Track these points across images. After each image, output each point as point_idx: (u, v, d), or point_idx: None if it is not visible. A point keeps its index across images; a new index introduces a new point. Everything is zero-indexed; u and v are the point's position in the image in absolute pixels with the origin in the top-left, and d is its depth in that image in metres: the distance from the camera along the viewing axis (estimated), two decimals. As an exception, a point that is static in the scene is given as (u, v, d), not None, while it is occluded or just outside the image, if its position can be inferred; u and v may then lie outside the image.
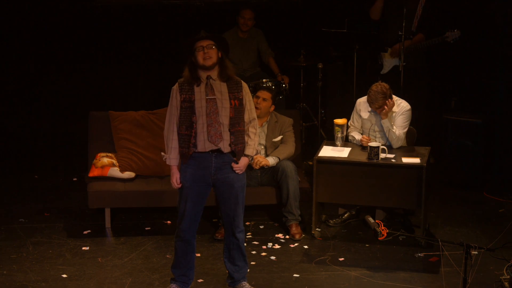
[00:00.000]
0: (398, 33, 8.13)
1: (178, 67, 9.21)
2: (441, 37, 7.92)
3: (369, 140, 6.91)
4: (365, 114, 7.02)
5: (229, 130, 5.68)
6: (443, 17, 8.23)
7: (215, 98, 5.66)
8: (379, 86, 6.79)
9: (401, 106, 6.94)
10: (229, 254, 5.95)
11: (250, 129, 5.82)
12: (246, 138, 5.80)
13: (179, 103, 5.70)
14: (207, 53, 5.64)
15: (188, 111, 5.68)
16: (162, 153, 5.84)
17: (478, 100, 8.61)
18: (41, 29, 9.59)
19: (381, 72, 8.20)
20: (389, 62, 8.21)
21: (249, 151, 5.80)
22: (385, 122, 6.84)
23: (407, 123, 6.95)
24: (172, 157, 5.76)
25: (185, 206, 5.75)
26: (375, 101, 6.78)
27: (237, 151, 5.73)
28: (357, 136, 7.04)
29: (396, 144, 6.91)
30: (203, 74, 5.70)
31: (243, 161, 5.78)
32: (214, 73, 5.70)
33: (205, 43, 5.66)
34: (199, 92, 5.68)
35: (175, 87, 5.76)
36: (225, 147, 5.69)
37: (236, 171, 5.74)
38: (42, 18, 9.57)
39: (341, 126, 7.00)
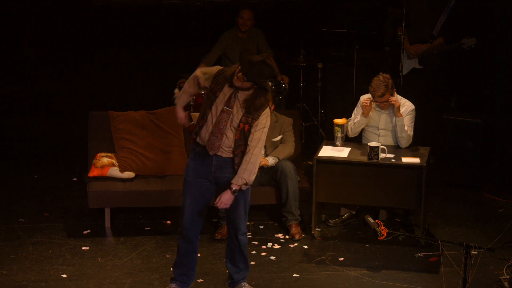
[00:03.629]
0: (398, 33, 8.17)
1: (177, 67, 9.31)
2: (457, 44, 7.97)
3: (370, 102, 6.87)
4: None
5: (233, 152, 5.60)
6: (465, 24, 8.25)
7: (231, 111, 5.56)
8: (380, 76, 6.83)
9: (406, 105, 6.95)
10: (230, 255, 5.93)
11: (247, 154, 5.56)
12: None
13: (208, 83, 5.60)
14: (241, 78, 5.47)
15: (207, 101, 5.62)
16: (176, 90, 5.79)
17: (478, 100, 8.61)
18: (41, 29, 9.60)
19: (400, 74, 8.21)
20: (407, 64, 8.25)
21: (234, 179, 5.56)
22: (400, 121, 6.83)
23: (413, 123, 6.95)
24: (180, 98, 5.75)
25: (186, 201, 5.73)
26: (378, 89, 6.78)
27: None
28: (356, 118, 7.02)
29: (405, 144, 6.90)
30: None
31: (225, 195, 5.57)
32: (243, 93, 5.53)
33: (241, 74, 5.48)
34: (223, 95, 5.56)
35: (213, 72, 5.61)
36: (224, 153, 5.63)
37: (217, 206, 5.61)
38: (42, 18, 9.58)
39: (341, 126, 7.00)
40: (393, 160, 6.71)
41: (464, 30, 8.12)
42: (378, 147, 6.67)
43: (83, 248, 6.73)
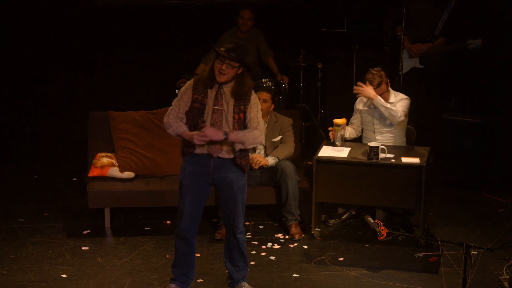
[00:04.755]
0: (398, 33, 8.18)
1: (177, 67, 9.32)
2: (462, 43, 7.98)
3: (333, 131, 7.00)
4: (363, 108, 7.05)
5: (233, 145, 5.63)
6: (467, 23, 8.25)
7: (222, 110, 5.60)
8: (372, 70, 6.93)
9: (399, 96, 6.98)
10: (229, 255, 5.93)
11: (251, 127, 5.64)
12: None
13: (189, 99, 5.65)
14: (224, 70, 5.53)
15: (196, 112, 5.62)
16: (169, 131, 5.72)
17: (478, 100, 8.61)
18: (41, 29, 9.60)
19: (400, 73, 8.21)
20: (408, 63, 8.25)
21: (236, 131, 5.57)
22: (378, 101, 6.84)
23: (406, 109, 6.94)
24: (182, 129, 5.64)
25: (184, 204, 5.74)
26: (373, 80, 6.87)
27: (243, 165, 5.70)
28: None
29: (394, 119, 6.87)
30: (216, 83, 5.64)
31: (217, 132, 5.53)
32: (227, 86, 5.61)
33: (227, 60, 5.55)
34: (210, 98, 5.61)
35: (190, 82, 5.68)
36: (224, 155, 5.65)
37: (201, 135, 5.52)
38: (42, 18, 9.58)
39: (340, 126, 7.00)
40: (393, 160, 6.71)
41: (465, 30, 8.13)
42: (378, 147, 6.67)
43: (83, 248, 6.73)
